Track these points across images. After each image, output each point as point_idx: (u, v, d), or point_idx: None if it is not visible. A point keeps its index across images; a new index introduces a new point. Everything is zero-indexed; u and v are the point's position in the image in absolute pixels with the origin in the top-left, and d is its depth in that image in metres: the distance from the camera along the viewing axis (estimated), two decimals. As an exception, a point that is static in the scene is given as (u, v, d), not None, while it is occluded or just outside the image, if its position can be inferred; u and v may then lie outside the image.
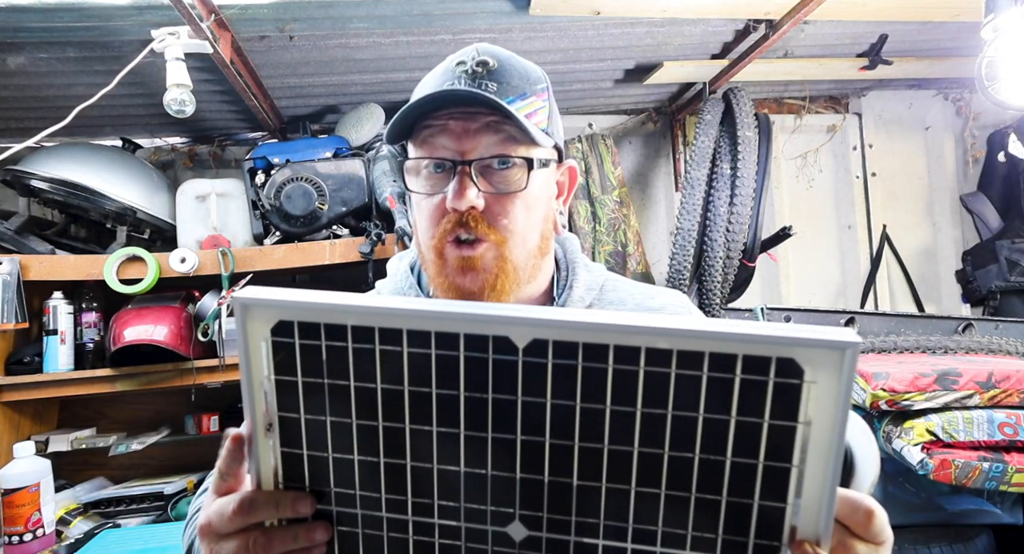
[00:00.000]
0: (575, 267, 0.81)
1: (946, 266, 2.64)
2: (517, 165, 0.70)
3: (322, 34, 1.69)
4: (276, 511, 0.45)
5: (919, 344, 1.94)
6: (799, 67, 2.16)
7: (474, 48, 0.72)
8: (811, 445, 0.37)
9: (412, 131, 0.72)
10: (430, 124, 0.70)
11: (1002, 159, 2.55)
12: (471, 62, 0.70)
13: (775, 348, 0.36)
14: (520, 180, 0.70)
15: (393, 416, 0.43)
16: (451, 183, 0.68)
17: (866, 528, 0.42)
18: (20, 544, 1.49)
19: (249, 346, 0.42)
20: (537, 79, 0.74)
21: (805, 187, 2.64)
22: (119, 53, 1.63)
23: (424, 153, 0.71)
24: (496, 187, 0.70)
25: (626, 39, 1.89)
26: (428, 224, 0.71)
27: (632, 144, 2.58)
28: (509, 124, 0.69)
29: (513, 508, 0.43)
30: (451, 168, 0.69)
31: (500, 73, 0.70)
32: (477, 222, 0.68)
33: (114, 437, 1.94)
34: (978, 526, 1.71)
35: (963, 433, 1.50)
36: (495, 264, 0.69)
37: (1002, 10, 1.30)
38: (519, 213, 0.71)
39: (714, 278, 2.04)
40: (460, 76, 0.69)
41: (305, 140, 2.04)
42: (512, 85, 0.71)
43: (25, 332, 1.84)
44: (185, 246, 1.90)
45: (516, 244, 0.70)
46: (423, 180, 0.72)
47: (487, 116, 0.69)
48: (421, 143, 0.71)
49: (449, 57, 0.73)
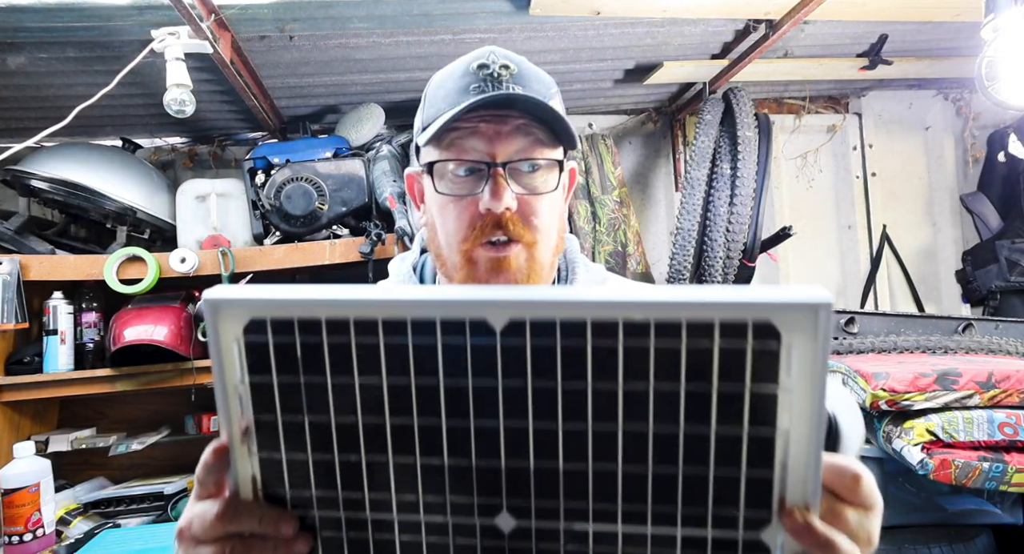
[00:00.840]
0: (575, 266, 0.82)
1: (946, 266, 2.64)
2: (545, 167, 0.72)
3: (322, 34, 1.69)
4: (258, 525, 0.44)
5: (919, 344, 1.94)
6: (799, 67, 2.16)
7: (490, 50, 0.72)
8: (793, 410, 0.37)
9: (432, 134, 0.71)
10: (458, 127, 0.70)
11: (1002, 159, 2.55)
12: (495, 66, 0.70)
13: (750, 312, 0.35)
14: (549, 181, 0.72)
15: (372, 411, 0.42)
16: (484, 185, 0.69)
17: (854, 492, 0.41)
18: (20, 544, 1.49)
19: (221, 348, 0.41)
20: (550, 83, 0.75)
21: (805, 187, 2.64)
22: (119, 53, 1.63)
23: (452, 155, 0.71)
24: (528, 189, 0.71)
25: (626, 39, 1.89)
26: (458, 226, 0.71)
27: (632, 144, 2.58)
28: (537, 127, 0.70)
29: (500, 498, 0.42)
30: (483, 171, 0.69)
31: (522, 77, 0.71)
32: (513, 223, 0.69)
33: (114, 437, 1.94)
34: (978, 526, 1.70)
35: (963, 433, 1.50)
36: (527, 265, 0.70)
37: (1002, 10, 1.30)
38: (547, 213, 0.72)
39: (714, 278, 2.04)
40: (486, 79, 0.70)
41: (305, 140, 2.04)
42: (534, 89, 0.71)
43: (25, 332, 1.84)
44: (185, 246, 1.90)
45: (544, 244, 0.72)
46: (449, 183, 0.72)
47: (517, 119, 0.70)
48: (448, 146, 0.71)
49: (460, 59, 0.73)
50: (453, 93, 0.71)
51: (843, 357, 1.85)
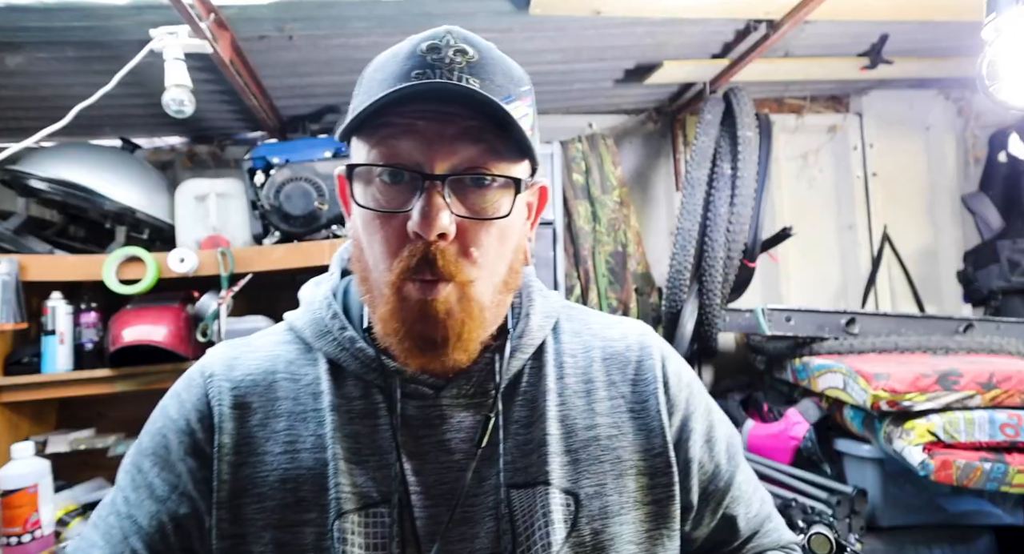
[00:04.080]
0: (531, 292, 0.72)
1: (947, 266, 2.63)
2: (498, 185, 0.58)
3: (322, 34, 1.69)
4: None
5: (920, 344, 1.94)
6: (800, 67, 2.15)
7: (446, 30, 0.59)
8: None
9: (363, 126, 0.57)
10: (391, 122, 0.56)
11: (1003, 159, 2.55)
12: (448, 50, 0.57)
13: None
14: (500, 204, 0.58)
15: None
16: (416, 201, 0.55)
17: None
18: (19, 545, 1.48)
19: None
20: (521, 79, 0.62)
21: (806, 187, 2.63)
22: (118, 53, 1.62)
23: (381, 158, 0.57)
24: (472, 210, 0.57)
25: (626, 39, 1.88)
26: (383, 252, 0.58)
27: (632, 144, 2.58)
28: (491, 132, 0.56)
29: None
30: (416, 182, 0.56)
31: (481, 67, 0.57)
32: (444, 257, 0.55)
33: (113, 438, 1.93)
34: (979, 527, 1.70)
35: (964, 434, 1.50)
36: (460, 307, 0.57)
37: (1004, 10, 1.29)
38: (492, 244, 0.59)
39: (714, 278, 2.04)
40: (433, 64, 0.56)
41: (304, 140, 2.03)
42: (496, 84, 0.57)
43: (24, 332, 1.83)
44: (184, 246, 1.89)
45: (485, 281, 0.59)
46: (375, 191, 0.58)
47: (466, 120, 0.55)
48: (377, 144, 0.57)
49: (411, 38, 0.59)
50: (391, 78, 0.57)
51: (844, 357, 1.85)
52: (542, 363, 0.69)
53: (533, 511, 0.62)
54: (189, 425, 0.64)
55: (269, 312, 1.87)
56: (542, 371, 0.68)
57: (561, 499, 0.63)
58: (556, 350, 0.71)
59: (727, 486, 0.74)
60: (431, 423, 0.64)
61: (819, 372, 1.85)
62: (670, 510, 0.68)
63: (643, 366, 0.71)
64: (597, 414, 0.68)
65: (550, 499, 0.63)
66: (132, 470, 0.65)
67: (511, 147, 0.58)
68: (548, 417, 0.66)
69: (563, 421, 0.67)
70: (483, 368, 0.66)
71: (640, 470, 0.67)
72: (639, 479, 0.67)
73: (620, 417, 0.69)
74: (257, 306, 1.91)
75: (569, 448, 0.66)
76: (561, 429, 0.66)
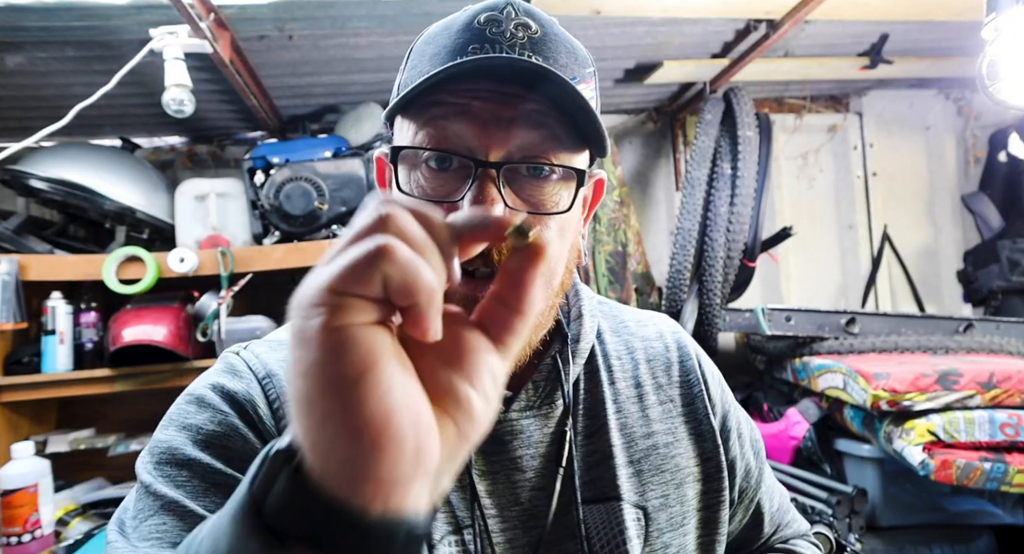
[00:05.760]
0: (578, 291, 0.68)
1: (947, 266, 2.63)
2: (558, 176, 0.52)
3: (322, 34, 1.69)
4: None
5: (920, 344, 1.93)
6: (800, 67, 2.15)
7: (507, 1, 0.53)
8: None
9: (410, 104, 0.51)
10: (443, 100, 0.50)
11: (1003, 159, 2.55)
12: (508, 23, 0.51)
13: None
14: (560, 197, 0.52)
15: None
16: (466, 190, 0.49)
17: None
18: (19, 545, 1.49)
19: None
20: (585, 59, 0.56)
21: (806, 187, 2.63)
22: (118, 53, 1.62)
23: (429, 140, 0.51)
24: (528, 203, 0.51)
25: (626, 39, 1.88)
26: None
27: (632, 144, 2.57)
28: (555, 118, 0.50)
29: None
30: (468, 169, 0.50)
31: (544, 44, 0.51)
32: (499, 250, 0.48)
33: (113, 437, 1.93)
34: (979, 527, 1.70)
35: (964, 433, 1.50)
36: None
37: (1003, 9, 1.29)
38: (553, 241, 0.53)
39: (714, 278, 2.04)
40: (492, 39, 0.50)
41: (305, 140, 2.03)
42: (560, 64, 0.51)
43: (24, 332, 1.83)
44: (184, 246, 1.89)
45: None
46: (420, 177, 0.52)
47: (526, 102, 0.49)
48: (425, 125, 0.51)
49: (467, 8, 0.54)
50: (444, 52, 0.51)
51: (844, 357, 1.85)
52: (594, 368, 0.65)
53: (610, 529, 0.59)
54: (263, 420, 0.54)
55: (269, 312, 1.87)
56: (596, 376, 0.65)
57: (633, 514, 0.60)
58: (603, 352, 0.67)
59: (757, 483, 0.72)
60: (501, 439, 0.59)
61: (819, 372, 1.85)
62: (719, 515, 0.66)
63: (685, 367, 0.69)
64: (652, 420, 0.65)
65: (624, 515, 0.60)
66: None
67: (573, 134, 0.52)
68: (610, 427, 0.63)
69: (622, 430, 0.63)
70: (545, 376, 0.61)
71: (696, 477, 0.65)
72: (695, 486, 0.65)
73: (673, 423, 0.66)
74: (257, 306, 1.91)
75: (631, 459, 0.63)
76: (622, 439, 0.63)
